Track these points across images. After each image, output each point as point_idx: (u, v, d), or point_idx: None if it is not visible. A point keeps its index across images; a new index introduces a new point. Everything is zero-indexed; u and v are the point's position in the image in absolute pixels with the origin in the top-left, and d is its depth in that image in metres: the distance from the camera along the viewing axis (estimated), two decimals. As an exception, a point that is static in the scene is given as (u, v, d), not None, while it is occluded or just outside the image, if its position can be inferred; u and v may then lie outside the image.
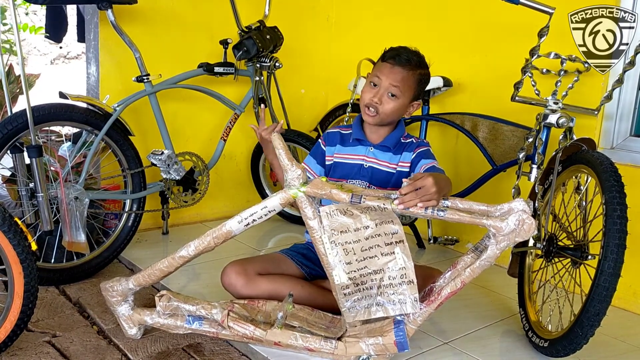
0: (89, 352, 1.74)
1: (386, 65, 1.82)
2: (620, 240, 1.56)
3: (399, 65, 1.80)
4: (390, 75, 1.80)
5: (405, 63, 1.81)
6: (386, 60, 1.82)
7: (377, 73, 1.83)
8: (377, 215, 1.58)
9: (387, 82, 1.80)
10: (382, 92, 1.81)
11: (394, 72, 1.81)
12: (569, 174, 1.89)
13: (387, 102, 1.82)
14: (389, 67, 1.81)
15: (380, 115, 1.83)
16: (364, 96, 1.85)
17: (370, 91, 1.83)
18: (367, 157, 1.91)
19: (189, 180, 2.64)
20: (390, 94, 1.81)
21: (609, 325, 1.74)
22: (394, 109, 1.83)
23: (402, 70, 1.81)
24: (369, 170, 1.90)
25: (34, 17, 6.87)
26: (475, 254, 1.62)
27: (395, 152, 1.91)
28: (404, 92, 1.82)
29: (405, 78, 1.81)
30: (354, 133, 1.93)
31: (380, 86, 1.82)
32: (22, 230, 1.65)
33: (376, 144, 1.91)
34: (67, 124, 2.22)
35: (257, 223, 1.67)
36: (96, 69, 2.61)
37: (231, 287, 1.85)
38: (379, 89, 1.82)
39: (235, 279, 1.84)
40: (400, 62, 1.80)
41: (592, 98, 2.16)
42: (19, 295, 1.64)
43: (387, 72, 1.81)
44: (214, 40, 2.73)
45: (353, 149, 1.93)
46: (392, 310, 1.60)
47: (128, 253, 2.45)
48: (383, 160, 1.91)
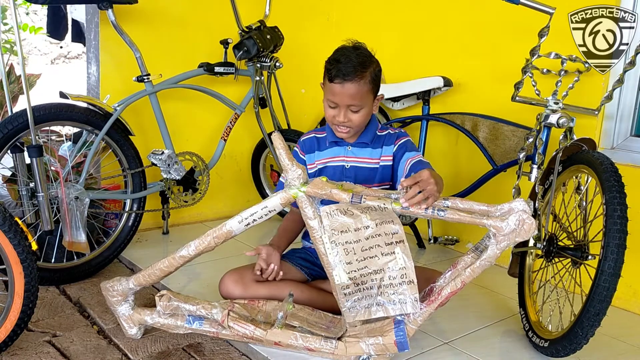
0: (89, 351, 1.75)
1: (336, 86, 1.75)
2: (620, 241, 1.56)
3: (348, 81, 1.73)
4: (344, 94, 1.75)
5: (352, 75, 1.73)
6: (333, 81, 1.75)
7: (331, 96, 1.77)
8: (377, 215, 1.58)
9: (345, 102, 1.76)
10: (344, 110, 1.78)
11: (345, 90, 1.74)
12: (569, 174, 1.89)
13: (354, 116, 1.79)
14: (338, 87, 1.74)
15: (354, 129, 1.83)
16: (327, 114, 1.82)
17: (332, 110, 1.80)
18: (347, 157, 1.91)
19: (189, 180, 2.64)
20: (351, 110, 1.79)
21: (609, 326, 1.74)
22: (362, 119, 1.81)
23: (352, 85, 1.73)
24: (352, 170, 1.90)
25: (34, 17, 6.87)
26: (475, 254, 1.62)
27: (374, 147, 1.89)
28: (363, 101, 1.78)
29: (359, 89, 1.75)
30: (329, 136, 1.91)
31: (339, 106, 1.78)
32: (23, 230, 1.65)
33: (353, 142, 1.90)
34: (67, 123, 2.22)
35: (257, 223, 1.67)
36: (97, 68, 2.61)
37: (229, 297, 1.85)
38: (340, 109, 1.78)
39: (233, 288, 1.84)
40: (347, 78, 1.73)
41: (592, 98, 2.16)
42: (20, 295, 1.64)
43: (339, 92, 1.75)
44: (214, 40, 2.73)
45: (331, 152, 1.92)
46: (393, 310, 1.60)
47: (128, 253, 2.45)
48: (363, 157, 1.90)
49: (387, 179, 1.91)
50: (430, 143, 2.75)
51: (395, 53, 3.01)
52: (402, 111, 2.95)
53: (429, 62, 2.85)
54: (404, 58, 2.97)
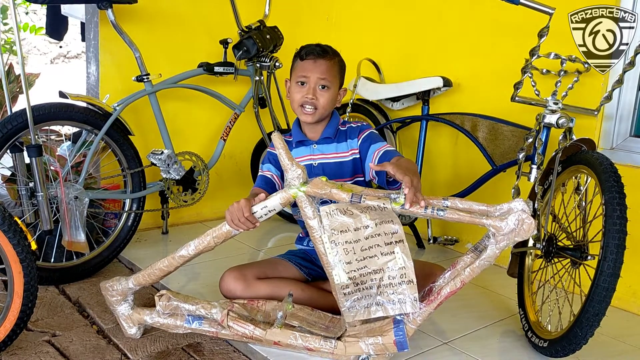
0: (89, 351, 1.74)
1: (308, 62, 1.85)
2: (619, 241, 1.56)
3: (321, 57, 1.85)
4: (316, 69, 1.84)
5: (324, 54, 1.85)
6: (306, 58, 1.86)
7: (302, 72, 1.86)
8: (377, 215, 1.58)
9: (315, 76, 1.84)
10: (313, 87, 1.85)
11: (318, 64, 1.84)
12: (569, 174, 1.89)
13: (322, 95, 1.86)
14: (311, 62, 1.85)
15: (319, 110, 1.87)
16: (295, 97, 1.88)
17: (300, 90, 1.87)
18: (313, 155, 1.93)
19: (188, 180, 2.64)
20: (320, 86, 1.85)
21: (608, 326, 1.74)
22: (329, 100, 1.87)
23: (325, 62, 1.85)
24: (320, 167, 1.92)
25: (34, 16, 6.87)
26: (474, 253, 1.62)
27: (338, 141, 1.93)
28: (332, 81, 1.87)
29: (329, 67, 1.86)
30: (295, 136, 1.95)
31: (308, 83, 1.85)
32: (22, 230, 1.65)
33: (318, 139, 1.93)
34: (67, 123, 2.22)
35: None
36: (96, 68, 2.61)
37: (230, 294, 1.85)
38: (308, 86, 1.85)
39: (234, 285, 1.84)
40: (320, 55, 1.85)
41: (592, 98, 2.16)
42: (19, 294, 1.64)
43: (312, 67, 1.84)
44: (214, 40, 2.73)
45: (298, 152, 1.95)
46: (392, 309, 1.60)
47: (128, 252, 2.45)
48: (329, 152, 1.93)
49: (360, 171, 1.92)
50: (429, 143, 2.75)
51: (395, 53, 3.01)
52: (401, 111, 2.95)
53: (428, 62, 2.86)
54: (403, 58, 2.97)
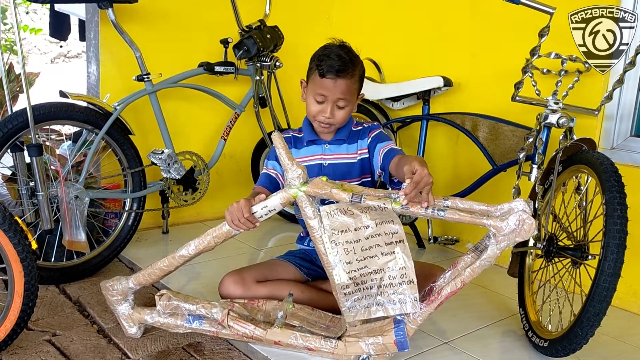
0: (89, 351, 1.75)
1: (327, 82, 1.76)
2: (620, 241, 1.56)
3: (341, 77, 1.76)
4: (335, 89, 1.77)
5: (344, 71, 1.76)
6: (325, 76, 1.76)
7: (320, 90, 1.78)
8: (377, 215, 1.58)
9: (334, 97, 1.78)
10: (331, 106, 1.80)
11: (337, 85, 1.76)
12: (569, 174, 1.89)
13: (339, 112, 1.82)
14: (331, 82, 1.76)
15: (335, 125, 1.85)
16: (311, 109, 1.83)
17: (317, 106, 1.81)
18: (325, 154, 1.92)
19: (189, 180, 2.64)
20: (338, 105, 1.81)
21: (608, 326, 1.74)
22: (345, 116, 1.84)
23: (344, 81, 1.77)
24: (330, 168, 1.91)
25: (34, 16, 6.87)
26: (475, 253, 1.62)
27: (350, 142, 1.92)
28: (351, 98, 1.82)
29: (349, 86, 1.78)
30: (306, 135, 1.93)
31: (327, 101, 1.79)
32: (22, 229, 1.65)
33: (330, 139, 1.92)
34: (67, 122, 2.22)
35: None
36: (96, 68, 2.61)
37: (229, 298, 1.85)
38: (326, 104, 1.80)
39: (233, 289, 1.84)
40: (340, 74, 1.75)
41: (592, 98, 2.16)
42: (19, 294, 1.64)
43: (331, 87, 1.77)
44: (214, 40, 2.73)
45: (308, 150, 1.94)
46: (392, 309, 1.60)
47: (128, 252, 2.45)
48: (341, 153, 1.92)
49: (367, 171, 1.92)
50: (430, 143, 2.75)
51: (396, 53, 3.01)
52: (402, 111, 2.95)
53: (429, 62, 2.85)
54: (404, 58, 2.97)
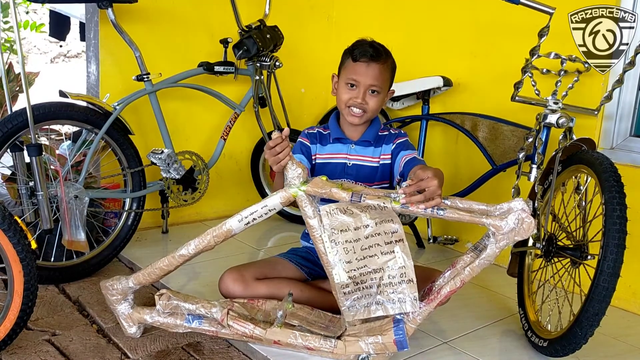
0: (89, 350, 1.75)
1: (361, 65, 1.80)
2: (619, 241, 1.56)
3: (374, 61, 1.79)
4: (369, 73, 1.80)
5: (378, 57, 1.80)
6: (359, 60, 1.80)
7: (353, 75, 1.81)
8: (377, 214, 1.58)
9: (368, 82, 1.80)
10: (363, 91, 1.81)
11: (371, 69, 1.79)
12: (569, 174, 1.89)
13: (371, 99, 1.83)
14: (364, 65, 1.80)
15: (368, 114, 1.85)
16: (343, 97, 1.84)
17: (349, 92, 1.83)
18: (349, 154, 1.92)
19: (188, 179, 2.64)
20: (371, 91, 1.82)
21: (608, 325, 1.74)
22: (378, 105, 1.85)
23: (378, 66, 1.80)
24: (354, 168, 1.91)
25: (34, 15, 6.87)
26: (474, 253, 1.62)
27: (375, 146, 1.92)
28: (383, 86, 1.84)
29: (382, 72, 1.81)
30: (333, 132, 1.93)
31: (359, 86, 1.81)
32: (22, 229, 1.65)
33: (356, 140, 1.92)
34: (67, 122, 2.21)
35: (257, 222, 1.67)
36: (96, 67, 2.61)
37: (229, 295, 1.85)
38: (359, 89, 1.81)
39: (232, 286, 1.84)
40: (374, 58, 1.79)
41: (592, 98, 2.16)
42: (19, 293, 1.64)
43: (364, 71, 1.80)
44: (214, 40, 2.73)
45: (333, 148, 1.93)
46: (392, 309, 1.61)
47: (128, 252, 2.45)
48: (366, 155, 1.91)
49: (387, 177, 1.92)
50: (429, 143, 2.75)
51: (395, 52, 2.98)
52: (401, 111, 2.95)
53: (428, 62, 2.85)
54: (403, 58, 2.95)
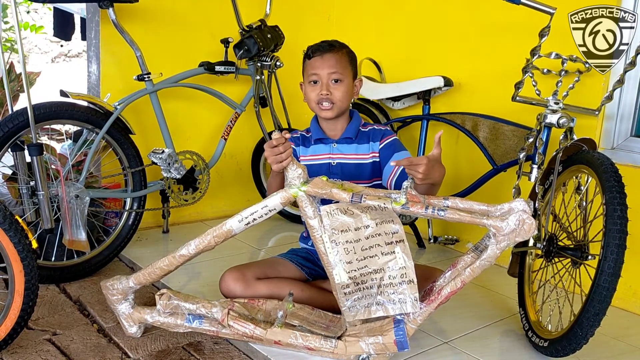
0: (89, 350, 1.75)
1: (316, 59, 1.86)
2: (620, 241, 1.56)
3: (328, 52, 1.85)
4: (325, 63, 1.84)
5: (331, 48, 1.86)
6: (314, 56, 1.86)
7: (312, 70, 1.86)
8: (377, 215, 1.58)
9: (326, 72, 1.85)
10: (326, 82, 1.85)
11: (326, 59, 1.85)
12: (570, 174, 1.89)
13: (336, 89, 1.86)
14: (319, 59, 1.86)
15: (337, 104, 1.87)
16: (310, 96, 1.88)
17: (314, 89, 1.87)
18: (332, 154, 1.93)
19: (189, 179, 2.64)
20: (333, 80, 1.85)
21: (608, 326, 1.74)
22: (344, 93, 1.87)
23: (332, 55, 1.85)
24: (338, 167, 1.92)
25: (34, 15, 6.88)
26: (475, 253, 1.62)
27: (359, 142, 1.92)
28: (344, 73, 1.86)
29: (338, 59, 1.85)
30: (314, 133, 1.95)
31: (320, 80, 1.85)
32: (23, 229, 1.65)
33: (337, 138, 1.93)
34: (68, 122, 2.22)
35: (257, 222, 1.67)
36: (97, 67, 2.61)
37: (230, 294, 1.85)
38: (321, 82, 1.86)
39: (233, 285, 1.84)
40: (327, 49, 1.85)
41: (592, 98, 2.16)
42: (20, 293, 1.64)
43: (320, 63, 1.85)
44: (215, 39, 2.73)
45: (316, 149, 1.95)
46: (392, 309, 1.61)
47: (128, 251, 2.45)
48: (349, 153, 1.92)
49: (379, 174, 1.92)
50: (430, 143, 2.74)
51: (396, 52, 3.01)
52: (402, 111, 2.95)
53: (429, 62, 2.85)
54: (404, 57, 2.97)
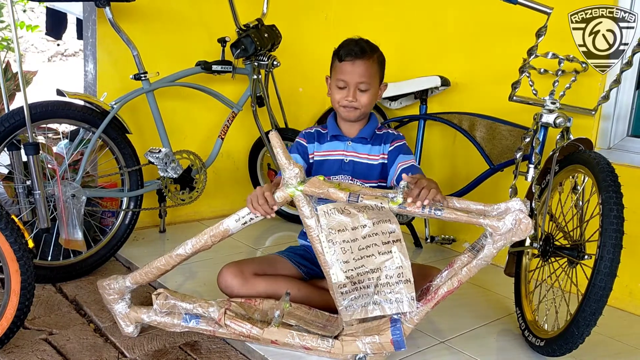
0: (86, 349, 1.74)
1: (346, 64, 1.83)
2: (616, 240, 1.57)
3: (359, 58, 1.82)
4: (355, 71, 1.83)
5: (362, 54, 1.83)
6: (344, 60, 1.83)
7: (341, 75, 1.84)
8: (374, 214, 1.58)
9: (355, 80, 1.83)
10: (353, 89, 1.84)
11: (357, 66, 1.82)
12: (566, 173, 1.89)
13: (361, 97, 1.85)
14: (349, 64, 1.83)
15: (361, 110, 1.87)
16: (335, 97, 1.88)
17: (340, 92, 1.86)
18: (347, 151, 1.94)
19: (186, 179, 2.64)
20: (360, 89, 1.85)
21: (605, 325, 1.75)
22: (369, 100, 1.87)
23: (363, 62, 1.83)
24: (350, 165, 1.93)
25: (31, 14, 6.86)
26: (472, 253, 1.62)
27: (373, 144, 1.93)
28: (371, 82, 1.86)
29: (368, 67, 1.84)
30: (330, 130, 1.96)
31: (348, 85, 1.84)
32: (19, 228, 1.64)
33: (353, 137, 1.94)
34: (64, 121, 2.21)
35: (254, 222, 1.68)
36: (94, 66, 2.61)
37: (228, 289, 1.85)
38: (348, 88, 1.85)
39: (231, 281, 1.84)
40: (358, 55, 1.82)
41: (589, 98, 2.17)
42: (16, 292, 1.64)
43: (350, 69, 1.83)
44: (212, 39, 2.72)
45: (331, 145, 1.95)
46: (389, 309, 1.61)
47: (125, 251, 2.45)
48: (363, 152, 1.93)
49: (386, 175, 1.93)
50: (427, 142, 2.75)
51: (393, 52, 2.99)
52: (399, 110, 2.95)
53: (426, 62, 2.86)
54: (401, 57, 2.97)
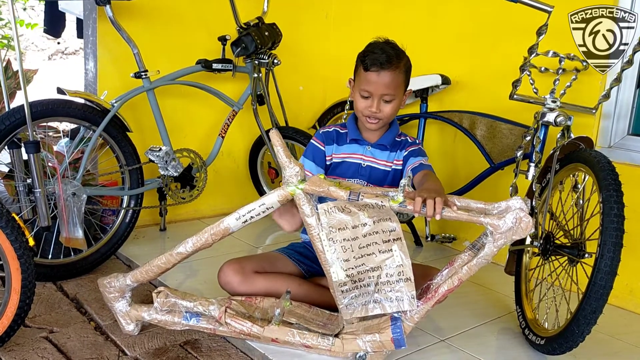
0: (86, 347, 1.75)
1: (372, 74, 1.77)
2: (617, 239, 1.57)
3: (385, 69, 1.76)
4: (380, 83, 1.77)
5: (388, 64, 1.76)
6: (370, 69, 1.77)
7: (365, 86, 1.78)
8: (375, 213, 1.58)
9: (380, 91, 1.78)
10: (377, 100, 1.80)
11: (382, 77, 1.76)
12: (567, 172, 1.90)
13: (385, 107, 1.81)
14: (374, 76, 1.76)
15: (384, 120, 1.85)
16: (358, 106, 1.83)
17: (364, 101, 1.81)
18: (365, 156, 1.92)
19: (186, 177, 2.64)
20: (384, 100, 1.80)
21: (605, 324, 1.75)
22: (393, 111, 1.83)
23: (389, 73, 1.76)
24: (367, 169, 1.91)
25: (31, 12, 6.85)
26: (472, 251, 1.63)
27: (392, 150, 1.92)
28: (396, 93, 1.81)
29: (394, 79, 1.78)
30: (350, 133, 1.92)
31: (372, 96, 1.79)
32: (20, 226, 1.64)
33: (373, 142, 1.91)
34: (64, 119, 2.21)
35: (254, 220, 1.67)
36: (94, 64, 2.61)
37: (228, 286, 1.85)
38: (373, 99, 1.80)
39: (232, 277, 1.84)
40: (384, 66, 1.75)
41: (590, 97, 2.17)
42: (17, 290, 1.64)
43: (375, 80, 1.77)
44: (212, 37, 2.72)
45: (350, 148, 1.93)
46: (390, 307, 1.61)
47: (125, 249, 2.45)
48: (381, 159, 1.91)
49: (397, 183, 1.90)
50: (428, 141, 2.75)
51: (394, 51, 3.00)
52: (400, 109, 2.94)
53: (427, 60, 2.85)
54: (402, 56, 2.97)
